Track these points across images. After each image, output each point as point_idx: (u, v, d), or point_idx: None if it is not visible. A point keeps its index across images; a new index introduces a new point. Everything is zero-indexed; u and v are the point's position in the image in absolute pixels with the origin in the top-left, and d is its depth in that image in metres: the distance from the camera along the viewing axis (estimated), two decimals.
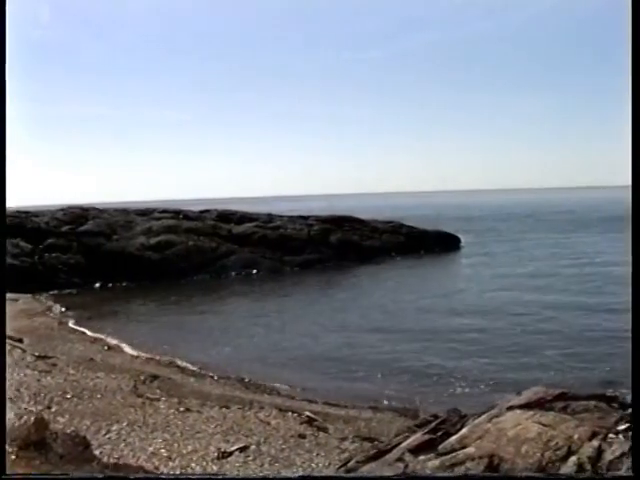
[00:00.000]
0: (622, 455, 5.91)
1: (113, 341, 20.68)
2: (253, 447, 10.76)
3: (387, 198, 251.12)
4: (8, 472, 5.37)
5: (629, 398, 7.54)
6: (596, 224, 68.38)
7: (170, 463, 9.79)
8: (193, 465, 9.77)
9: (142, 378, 15.76)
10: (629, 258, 3.64)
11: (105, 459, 9.37)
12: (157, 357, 18.61)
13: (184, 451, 10.39)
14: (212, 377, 16.65)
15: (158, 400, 13.80)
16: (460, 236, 49.27)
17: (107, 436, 10.88)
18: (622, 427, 6.51)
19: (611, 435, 6.36)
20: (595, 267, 35.39)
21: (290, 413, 13.14)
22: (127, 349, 19.63)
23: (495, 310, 24.31)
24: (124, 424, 11.61)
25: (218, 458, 10.15)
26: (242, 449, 10.61)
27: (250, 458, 10.24)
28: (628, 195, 3.75)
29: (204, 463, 9.91)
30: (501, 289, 29.44)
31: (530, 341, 19.42)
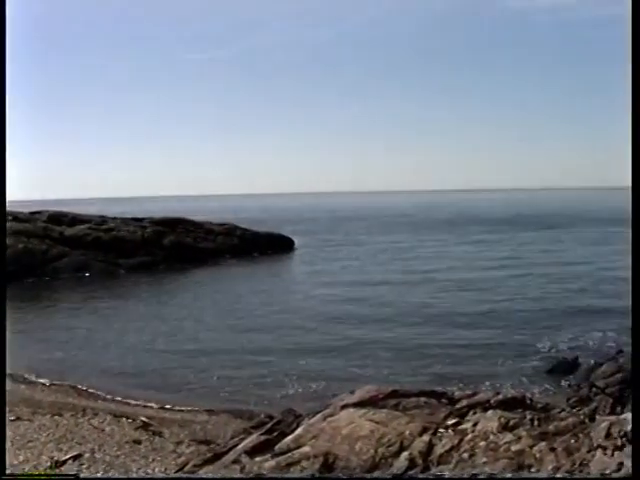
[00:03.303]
0: (451, 449, 6.45)
1: None
2: (87, 455, 10.74)
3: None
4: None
5: (457, 394, 8.17)
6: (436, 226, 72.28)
7: None
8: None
9: None
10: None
11: None
12: None
13: (15, 462, 10.21)
14: (44, 384, 16.23)
15: None
16: (294, 238, 50.40)
17: None
18: (451, 422, 7.06)
19: (441, 430, 6.90)
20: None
21: (125, 419, 13.14)
22: None
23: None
24: None
25: (51, 467, 10.03)
26: (76, 457, 10.55)
27: (84, 466, 10.22)
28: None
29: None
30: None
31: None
